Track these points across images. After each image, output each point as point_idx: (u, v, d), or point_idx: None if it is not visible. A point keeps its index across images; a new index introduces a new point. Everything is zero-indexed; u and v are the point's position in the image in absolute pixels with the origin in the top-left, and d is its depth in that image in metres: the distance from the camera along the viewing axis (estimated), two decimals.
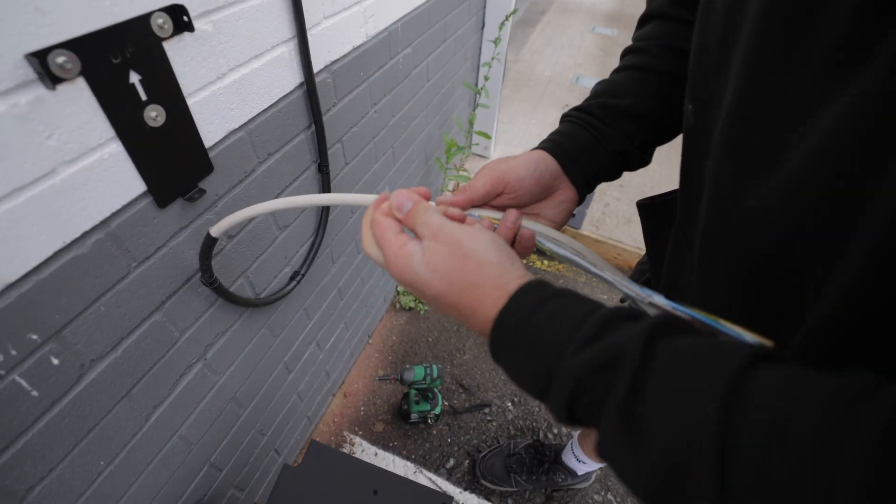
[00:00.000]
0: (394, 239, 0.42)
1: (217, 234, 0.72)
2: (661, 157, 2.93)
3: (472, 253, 0.39)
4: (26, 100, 0.50)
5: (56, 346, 0.62)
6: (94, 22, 0.54)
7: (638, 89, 0.57)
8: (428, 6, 1.49)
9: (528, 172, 0.53)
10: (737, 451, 0.25)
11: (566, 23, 5.05)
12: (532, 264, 2.47)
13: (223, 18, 0.72)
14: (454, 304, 0.39)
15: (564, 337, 0.33)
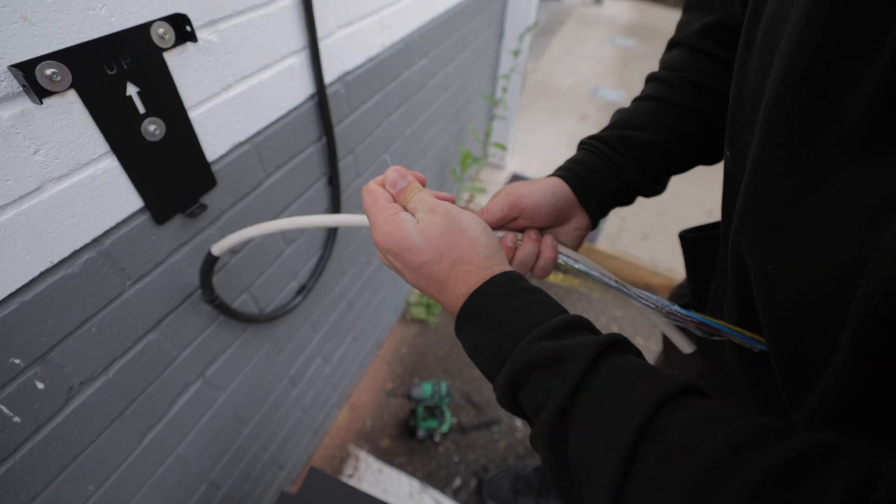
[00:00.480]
0: (386, 206, 0.43)
1: (218, 253, 0.69)
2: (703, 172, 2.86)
3: (467, 230, 0.42)
4: (10, 114, 0.47)
5: (41, 369, 0.59)
6: (87, 32, 0.51)
7: (655, 122, 0.59)
8: (447, 16, 1.45)
9: (545, 199, 0.54)
10: (639, 472, 0.27)
11: (585, 33, 5.00)
12: (546, 278, 2.41)
13: (230, 28, 0.69)
14: (438, 274, 0.41)
15: (530, 325, 0.36)
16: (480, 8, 1.77)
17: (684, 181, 2.78)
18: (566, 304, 2.25)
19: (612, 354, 0.33)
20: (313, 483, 0.84)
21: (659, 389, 0.30)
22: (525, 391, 0.35)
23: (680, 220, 2.57)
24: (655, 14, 5.73)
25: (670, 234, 2.48)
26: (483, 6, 1.79)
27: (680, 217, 2.60)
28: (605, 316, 2.24)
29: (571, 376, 0.32)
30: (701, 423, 0.28)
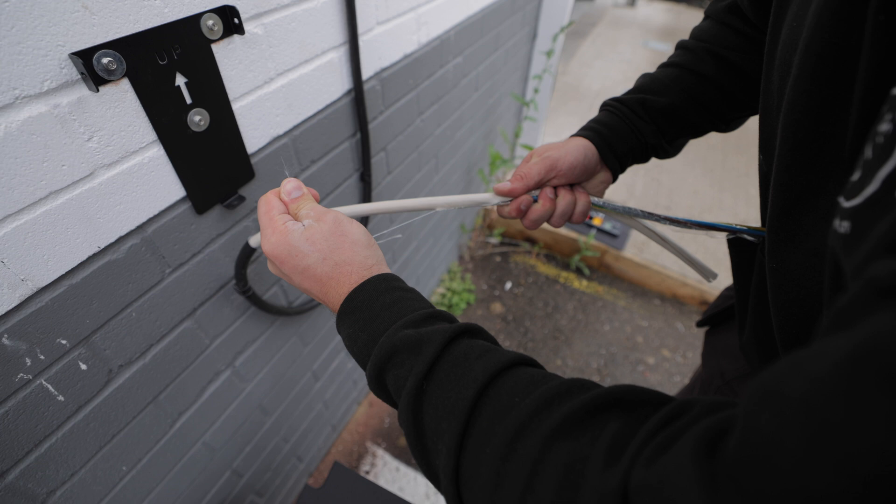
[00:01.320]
0: (277, 217, 0.47)
1: (256, 245, 0.69)
2: (712, 180, 2.79)
3: (349, 234, 0.46)
4: (68, 101, 0.48)
5: (85, 351, 0.60)
6: (142, 22, 0.52)
7: (675, 89, 0.64)
8: (482, 15, 1.45)
9: (578, 161, 0.61)
10: (474, 430, 0.32)
11: (617, 36, 4.93)
12: (570, 284, 2.38)
13: (275, 21, 0.69)
14: (321, 275, 0.44)
15: (397, 317, 0.40)
16: (515, 8, 1.76)
17: (718, 191, 2.75)
18: (590, 313, 2.25)
19: (464, 339, 0.37)
20: (336, 478, 0.84)
21: (495, 363, 0.34)
22: (390, 375, 0.38)
23: (708, 251, 2.50)
24: (691, 17, 5.61)
25: (701, 244, 2.43)
26: (518, 6, 1.78)
27: (709, 247, 2.53)
28: (631, 325, 2.20)
29: (427, 357, 0.35)
30: (525, 385, 0.33)
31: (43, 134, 0.47)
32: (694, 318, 2.24)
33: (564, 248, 2.45)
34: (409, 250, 1.65)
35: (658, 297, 2.34)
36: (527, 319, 2.21)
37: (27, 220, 0.48)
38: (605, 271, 2.45)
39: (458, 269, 2.33)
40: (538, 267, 2.47)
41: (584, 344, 2.12)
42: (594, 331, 2.18)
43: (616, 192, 2.72)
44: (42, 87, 0.45)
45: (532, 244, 2.54)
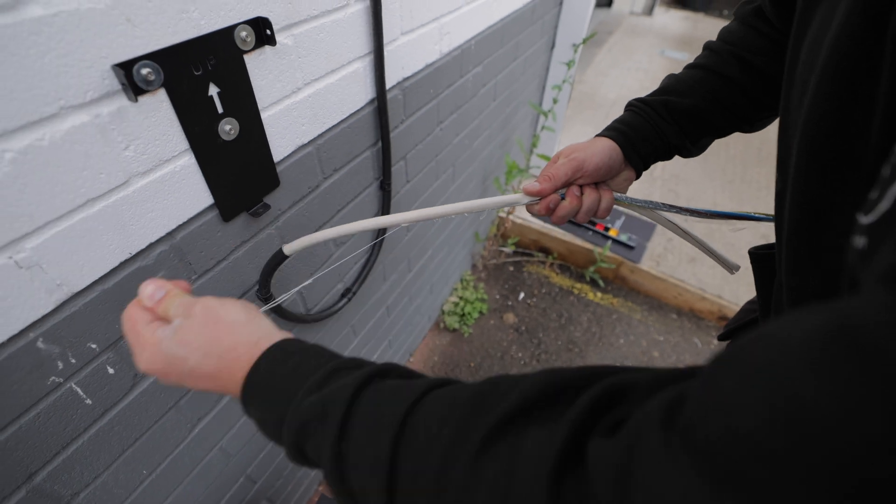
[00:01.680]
0: (143, 330, 0.42)
1: (290, 253, 0.70)
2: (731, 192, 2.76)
3: (223, 318, 0.41)
4: (108, 110, 0.49)
5: (113, 355, 0.61)
6: (180, 34, 0.53)
7: (700, 91, 0.66)
8: (503, 24, 1.45)
9: (604, 161, 0.64)
10: (400, 479, 0.30)
11: (634, 44, 4.92)
12: (584, 295, 2.37)
13: (304, 32, 0.70)
14: (210, 372, 0.40)
15: (298, 386, 0.37)
16: (535, 18, 1.76)
17: (737, 203, 2.73)
18: (605, 326, 2.23)
19: (371, 385, 0.35)
20: None
21: (404, 401, 0.32)
22: (309, 447, 0.35)
23: (732, 245, 2.47)
24: (708, 26, 5.58)
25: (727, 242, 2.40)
26: (537, 16, 1.79)
27: (731, 240, 2.50)
28: (646, 339, 2.18)
29: (335, 420, 0.33)
30: (438, 414, 0.31)
31: (84, 143, 0.47)
32: (712, 333, 2.21)
33: (579, 259, 2.43)
34: (425, 258, 1.66)
35: (675, 311, 2.31)
36: (540, 331, 2.20)
37: (66, 226, 0.49)
38: (621, 283, 2.43)
39: (471, 278, 2.33)
40: (552, 278, 2.46)
41: (599, 357, 2.10)
42: (609, 344, 2.16)
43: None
44: (85, 97, 0.46)
45: (546, 254, 2.53)
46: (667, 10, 6.11)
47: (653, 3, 5.80)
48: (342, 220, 1.01)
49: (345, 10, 0.76)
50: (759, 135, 3.41)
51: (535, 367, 2.04)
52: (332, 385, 0.36)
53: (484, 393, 0.31)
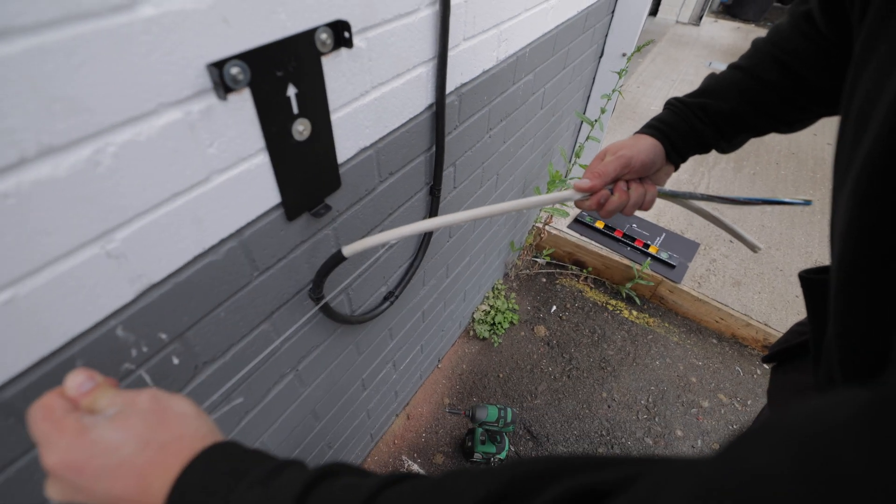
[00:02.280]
0: (65, 417, 0.35)
1: (348, 255, 0.71)
2: (781, 214, 2.67)
3: (173, 406, 0.39)
4: (199, 108, 0.50)
5: (179, 346, 0.62)
6: (268, 35, 0.54)
7: (738, 94, 0.69)
8: (557, 32, 1.45)
9: (649, 158, 0.70)
10: None
11: (679, 55, 4.83)
12: (619, 313, 2.32)
13: (376, 36, 0.71)
14: (142, 465, 0.34)
15: (241, 477, 0.34)
16: (587, 26, 1.75)
17: (788, 227, 2.63)
18: (640, 346, 2.19)
19: (323, 484, 0.33)
20: None
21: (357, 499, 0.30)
22: None
23: (780, 270, 2.38)
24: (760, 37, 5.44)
25: (768, 283, 2.30)
26: (589, 24, 1.77)
27: (780, 266, 2.40)
28: (684, 363, 2.11)
29: None
30: None
31: (175, 139, 0.49)
32: (755, 362, 2.13)
33: (615, 274, 2.39)
34: (462, 265, 1.65)
35: (715, 335, 2.24)
36: (572, 346, 2.17)
37: (151, 219, 0.50)
38: (658, 303, 2.38)
39: (503, 287, 2.31)
40: (586, 292, 2.43)
41: (633, 378, 2.05)
42: (643, 365, 2.11)
43: (675, 220, 2.65)
44: (180, 95, 0.47)
45: (581, 268, 2.49)
46: (715, 20, 5.98)
47: (701, 12, 5.67)
48: (392, 224, 1.02)
49: (416, 14, 0.76)
50: (813, 155, 3.32)
51: (566, 382, 2.01)
52: (280, 479, 0.33)
53: (445, 487, 0.29)
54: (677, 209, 2.73)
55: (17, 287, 0.42)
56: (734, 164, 3.20)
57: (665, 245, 2.44)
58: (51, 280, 0.45)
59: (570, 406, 1.93)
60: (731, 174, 3.11)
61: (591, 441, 1.83)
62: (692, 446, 1.84)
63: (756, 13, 5.84)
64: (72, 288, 0.47)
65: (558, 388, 1.99)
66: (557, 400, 1.95)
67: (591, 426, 1.88)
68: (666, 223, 2.62)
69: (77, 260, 0.46)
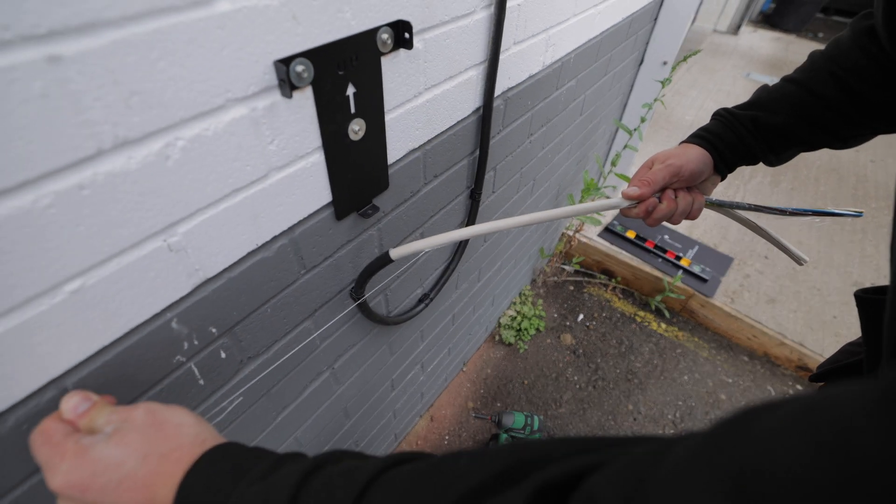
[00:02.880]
0: (64, 440, 0.37)
1: (396, 257, 0.70)
2: (820, 232, 2.59)
3: (170, 418, 0.39)
4: (263, 105, 0.50)
5: (227, 340, 0.62)
6: (333, 34, 0.53)
7: (791, 108, 0.67)
8: (602, 38, 1.42)
9: (699, 168, 0.69)
10: None
11: (716, 65, 4.73)
12: (647, 325, 2.28)
13: (433, 37, 0.70)
14: (144, 477, 0.35)
15: (242, 476, 0.34)
16: (630, 32, 1.72)
17: (827, 246, 2.55)
18: (667, 359, 2.14)
19: (321, 470, 0.33)
20: None
21: (357, 482, 0.30)
22: None
23: (818, 289, 2.30)
24: (801, 48, 5.28)
25: (804, 302, 2.23)
26: (633, 30, 1.74)
27: (818, 285, 2.32)
28: (713, 380, 2.06)
29: None
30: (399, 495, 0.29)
31: (239, 135, 0.49)
32: (788, 382, 2.06)
33: (645, 285, 2.35)
34: (493, 270, 1.64)
35: (747, 353, 2.18)
36: (598, 356, 2.13)
37: (212, 214, 0.50)
38: (688, 317, 2.32)
39: (530, 293, 2.29)
40: (614, 302, 2.38)
41: (660, 392, 2.01)
42: (671, 379, 2.06)
43: (708, 233, 2.59)
44: (247, 90, 0.47)
45: (609, 277, 2.45)
46: (754, 29, 5.83)
47: (739, 21, 5.54)
48: (433, 226, 1.01)
49: (471, 16, 0.75)
50: (855, 171, 3.21)
51: (591, 392, 1.98)
52: (277, 473, 0.34)
53: (442, 470, 0.29)
54: (711, 221, 2.67)
55: (86, 277, 0.43)
56: (771, 179, 3.11)
57: (698, 258, 2.39)
58: (116, 271, 0.45)
59: (595, 417, 1.90)
60: (767, 189, 3.03)
61: None
62: None
63: (797, 23, 5.67)
64: (135, 280, 0.47)
65: (584, 398, 1.96)
66: (582, 410, 1.92)
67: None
68: (699, 236, 2.56)
69: (141, 252, 0.46)
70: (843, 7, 6.33)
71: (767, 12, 6.00)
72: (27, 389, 0.43)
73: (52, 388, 0.45)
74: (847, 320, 2.15)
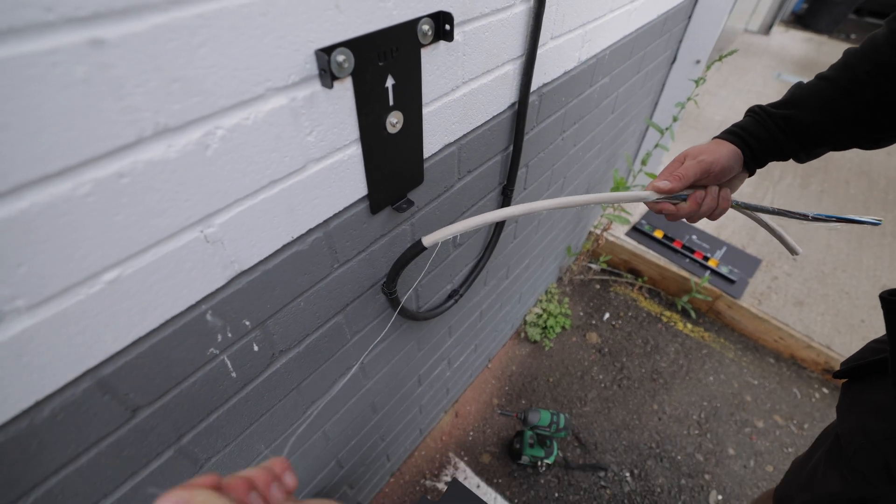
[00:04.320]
0: None
1: (428, 245, 0.69)
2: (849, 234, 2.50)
3: None
4: (303, 95, 0.49)
5: (260, 333, 0.62)
6: (374, 23, 0.52)
7: (826, 107, 0.66)
8: (636, 35, 1.38)
9: (730, 165, 0.69)
10: None
11: (747, 65, 4.60)
12: (673, 325, 2.22)
13: (473, 30, 0.68)
14: None
15: None
16: (664, 30, 1.67)
17: (856, 248, 2.46)
18: (693, 360, 2.10)
19: None
20: (453, 494, 0.82)
21: None
22: None
23: (846, 292, 2.23)
24: (833, 49, 5.11)
25: (832, 305, 2.16)
26: (667, 28, 1.69)
27: (846, 288, 2.25)
28: (738, 381, 2.01)
29: None
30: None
31: (278, 125, 0.48)
32: (815, 385, 2.00)
33: (671, 286, 2.29)
34: (521, 267, 1.62)
35: (773, 355, 2.12)
36: (623, 355, 2.09)
37: (249, 205, 0.50)
38: (714, 317, 2.26)
39: (556, 291, 2.26)
40: (640, 301, 2.34)
41: (685, 392, 1.97)
42: (696, 380, 2.02)
43: (737, 234, 2.51)
44: (288, 80, 0.46)
45: (636, 277, 2.40)
46: (786, 29, 5.66)
47: (771, 21, 5.38)
48: None
49: (511, 9, 0.73)
50: (886, 174, 3.08)
51: (616, 391, 1.94)
52: None
53: None
54: (739, 223, 2.59)
55: (124, 267, 0.43)
56: (801, 181, 3.02)
57: (725, 259, 2.32)
58: (153, 261, 0.45)
59: (619, 415, 1.87)
60: (797, 190, 2.93)
61: (640, 452, 1.76)
62: (744, 466, 1.75)
63: (829, 24, 5.48)
64: (171, 271, 0.47)
65: (608, 397, 1.93)
66: (607, 408, 1.89)
67: (640, 437, 1.81)
68: (727, 236, 2.49)
69: (178, 243, 0.46)
70: (876, 8, 6.12)
71: (800, 12, 5.81)
72: (63, 379, 0.43)
73: (87, 379, 0.45)
74: (875, 324, 2.09)
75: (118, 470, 0.53)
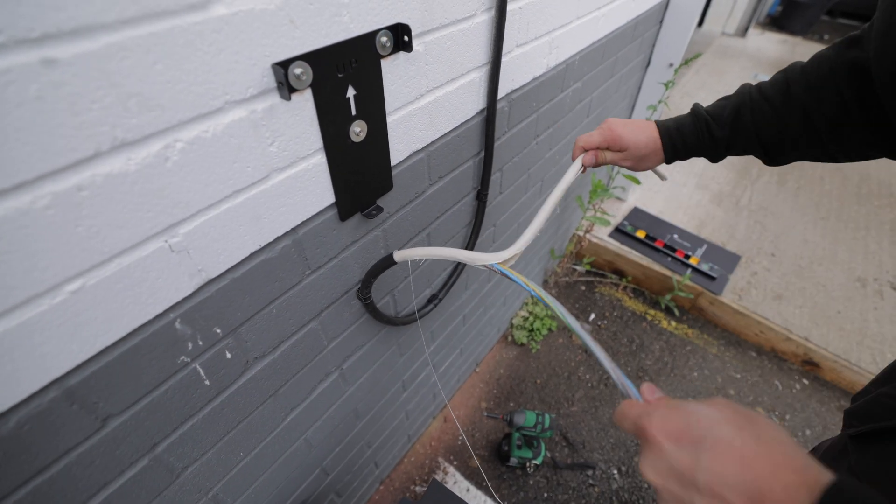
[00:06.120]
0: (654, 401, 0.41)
1: (399, 260, 0.71)
2: (825, 229, 2.55)
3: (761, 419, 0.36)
4: (262, 107, 0.50)
5: (232, 341, 0.63)
6: (331, 37, 0.54)
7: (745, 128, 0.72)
8: (606, 41, 1.42)
9: (646, 148, 0.77)
10: None
11: (724, 66, 4.68)
12: (658, 323, 2.25)
13: (433, 40, 0.70)
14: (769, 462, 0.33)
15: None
16: (635, 35, 1.71)
17: (831, 242, 2.52)
18: (678, 356, 2.12)
19: None
20: (433, 494, 0.83)
21: None
22: None
23: (823, 285, 2.28)
24: (807, 50, 5.22)
25: (809, 298, 2.21)
26: (638, 33, 1.73)
27: (823, 281, 2.30)
28: (722, 376, 2.04)
29: None
30: None
31: (239, 137, 0.49)
32: (795, 377, 2.04)
33: (654, 284, 2.32)
34: None
35: (754, 349, 2.16)
36: (610, 354, 2.11)
37: (213, 215, 0.51)
38: (697, 314, 2.30)
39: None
40: (625, 301, 2.36)
41: (670, 388, 1.99)
42: (681, 376, 2.05)
43: (717, 232, 2.56)
44: (246, 93, 0.48)
45: (620, 277, 2.43)
46: (762, 31, 5.78)
47: (747, 24, 5.49)
48: (440, 227, 1.01)
49: (472, 19, 0.76)
50: (858, 169, 3.16)
51: (603, 390, 1.96)
52: None
53: None
54: (719, 221, 2.64)
55: (87, 277, 0.44)
56: (778, 178, 3.08)
57: (706, 256, 2.37)
58: (117, 271, 0.46)
59: (606, 414, 1.89)
60: (774, 188, 2.99)
61: (626, 449, 1.78)
62: None
63: (803, 26, 5.63)
64: (136, 280, 0.48)
65: (595, 396, 1.95)
66: (594, 407, 1.90)
67: (627, 435, 1.83)
68: (707, 234, 2.53)
69: (142, 253, 0.47)
70: (848, 10, 6.33)
71: (774, 15, 5.96)
72: (29, 389, 0.44)
73: (54, 389, 0.46)
74: (850, 315, 2.15)
75: (90, 480, 0.54)
